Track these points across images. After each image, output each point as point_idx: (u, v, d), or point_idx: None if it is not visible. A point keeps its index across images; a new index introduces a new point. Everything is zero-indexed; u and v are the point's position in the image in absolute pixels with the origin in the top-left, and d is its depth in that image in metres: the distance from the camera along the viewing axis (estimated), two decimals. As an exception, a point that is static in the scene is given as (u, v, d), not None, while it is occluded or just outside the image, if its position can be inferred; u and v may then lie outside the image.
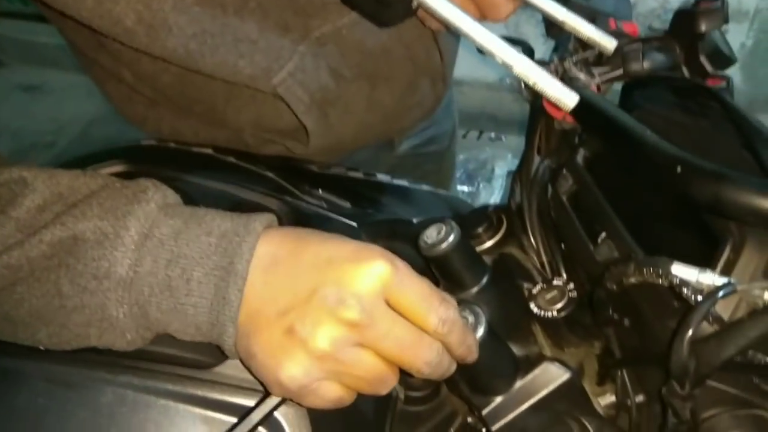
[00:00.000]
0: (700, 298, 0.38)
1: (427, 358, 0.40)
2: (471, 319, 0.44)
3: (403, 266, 0.40)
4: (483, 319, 0.44)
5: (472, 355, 0.43)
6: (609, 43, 0.57)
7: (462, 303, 0.44)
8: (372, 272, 0.38)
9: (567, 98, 0.51)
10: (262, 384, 0.42)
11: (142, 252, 0.39)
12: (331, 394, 0.40)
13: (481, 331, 0.44)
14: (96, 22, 0.54)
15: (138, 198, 0.41)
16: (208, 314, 0.39)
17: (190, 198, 0.58)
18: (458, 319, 0.41)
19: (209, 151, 0.71)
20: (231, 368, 0.45)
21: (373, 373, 0.39)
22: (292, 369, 0.38)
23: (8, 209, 0.40)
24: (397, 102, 0.75)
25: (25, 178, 0.41)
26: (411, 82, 0.74)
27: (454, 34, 0.60)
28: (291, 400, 0.41)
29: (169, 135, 0.74)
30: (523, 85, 0.63)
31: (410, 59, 0.72)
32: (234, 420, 0.44)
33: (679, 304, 0.41)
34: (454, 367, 0.43)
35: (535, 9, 0.59)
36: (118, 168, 0.63)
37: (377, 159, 0.88)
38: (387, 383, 0.41)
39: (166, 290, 0.39)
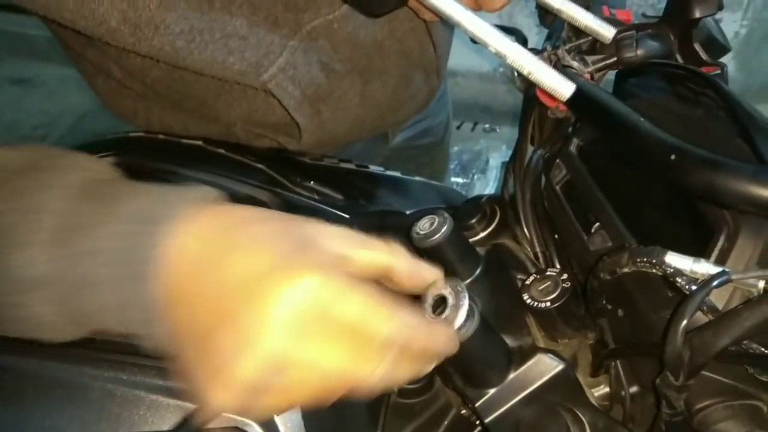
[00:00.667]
0: (694, 287, 0.37)
1: (366, 384, 0.35)
2: (451, 299, 0.40)
3: (340, 277, 0.34)
4: (476, 311, 0.44)
5: (449, 348, 0.39)
6: (607, 32, 0.56)
7: (449, 281, 0.42)
8: (300, 290, 0.32)
9: (563, 87, 0.50)
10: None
11: (56, 247, 0.35)
12: (270, 409, 0.36)
13: (473, 324, 0.43)
14: (79, 23, 0.52)
15: (54, 180, 0.37)
16: (125, 317, 0.35)
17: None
18: (416, 325, 0.36)
19: (199, 143, 0.70)
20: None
21: (311, 393, 0.35)
22: (217, 398, 0.34)
23: None
24: (391, 96, 0.74)
25: None
26: (404, 75, 0.73)
27: (448, 24, 0.60)
28: None
29: (159, 129, 0.74)
30: (516, 75, 0.62)
31: (403, 53, 0.71)
32: (225, 414, 0.44)
33: (673, 293, 0.41)
34: (429, 367, 0.39)
35: None
36: (108, 160, 0.62)
37: (371, 152, 0.87)
38: (333, 396, 0.36)
39: (81, 290, 0.35)
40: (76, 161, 0.39)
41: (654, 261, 0.39)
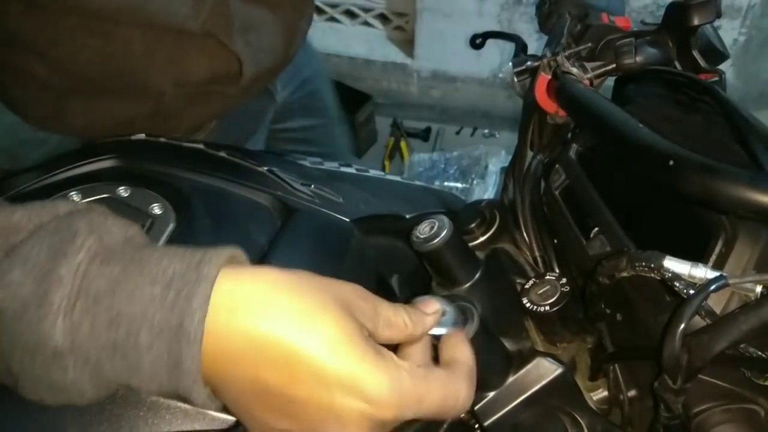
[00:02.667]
0: (692, 291, 0.38)
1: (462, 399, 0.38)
2: (449, 316, 0.42)
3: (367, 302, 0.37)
4: (475, 315, 0.44)
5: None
6: None
7: (453, 299, 0.44)
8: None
9: None
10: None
11: (77, 315, 0.33)
12: None
13: (473, 328, 0.43)
14: None
15: (64, 249, 0.34)
16: (167, 377, 0.33)
17: (182, 193, 0.58)
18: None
19: (200, 146, 0.70)
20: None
21: None
22: None
23: None
24: (290, 23, 0.82)
25: None
26: (293, 4, 0.82)
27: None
28: None
29: (83, 129, 0.76)
30: (516, 80, 0.63)
31: None
32: (224, 416, 0.44)
33: (671, 298, 0.41)
34: None
35: None
36: (109, 163, 0.63)
37: (264, 110, 0.95)
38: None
39: (114, 352, 0.33)
40: (91, 223, 0.36)
41: (652, 265, 0.39)
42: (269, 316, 0.33)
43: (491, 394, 0.48)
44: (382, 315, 0.38)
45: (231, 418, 0.44)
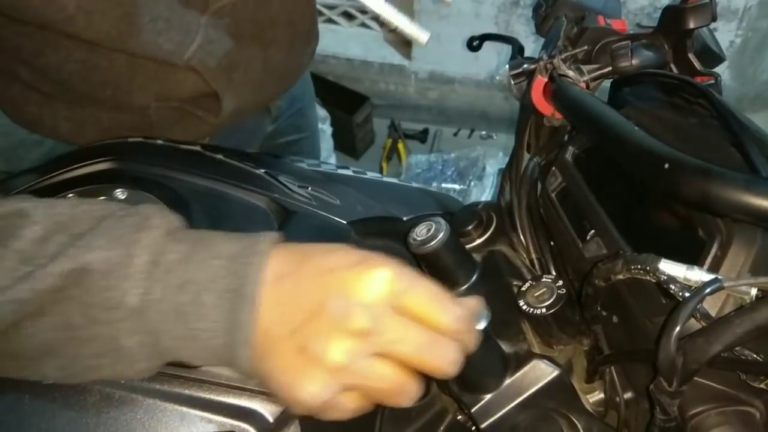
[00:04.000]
0: (687, 294, 0.38)
1: (451, 357, 0.39)
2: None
3: (407, 270, 0.39)
4: (486, 313, 0.44)
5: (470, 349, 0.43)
6: (422, 36, 0.69)
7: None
8: (376, 280, 0.38)
9: (420, 35, 0.64)
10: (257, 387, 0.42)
11: (152, 280, 0.39)
12: (351, 405, 0.39)
13: (482, 325, 0.43)
14: (41, 11, 0.59)
15: (143, 225, 0.40)
16: (222, 338, 0.39)
17: (179, 195, 0.58)
18: (470, 317, 0.41)
19: (197, 148, 0.70)
20: (219, 367, 0.45)
21: (391, 383, 0.39)
22: (310, 388, 0.38)
23: (9, 242, 0.39)
24: (284, 61, 0.83)
25: (23, 209, 0.41)
26: (291, 43, 0.83)
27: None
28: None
29: (67, 132, 0.76)
30: (513, 83, 0.63)
31: (290, 22, 0.80)
32: (221, 419, 0.44)
33: (667, 300, 0.41)
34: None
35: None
36: (106, 165, 0.62)
37: (261, 128, 0.96)
38: (408, 393, 0.40)
39: (178, 317, 0.39)
40: (156, 209, 0.42)
41: (648, 268, 0.40)
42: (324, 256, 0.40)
43: (488, 396, 0.48)
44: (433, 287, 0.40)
45: (231, 421, 0.44)
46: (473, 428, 0.50)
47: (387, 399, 0.40)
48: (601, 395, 0.50)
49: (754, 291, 0.37)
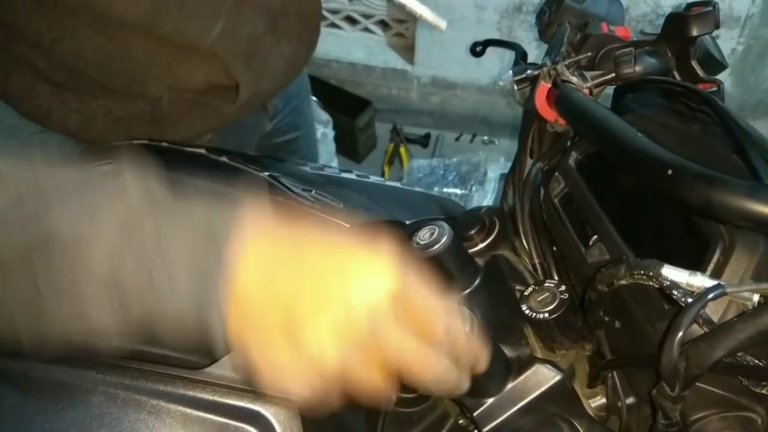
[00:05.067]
0: (690, 300, 0.38)
1: (436, 374, 0.39)
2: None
3: (410, 275, 0.39)
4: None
5: (480, 364, 0.43)
6: (441, 23, 0.73)
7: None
8: (379, 287, 0.37)
9: (440, 23, 0.70)
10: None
11: (122, 251, 0.37)
12: (334, 403, 0.39)
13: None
14: None
15: (116, 193, 0.39)
16: (195, 315, 0.37)
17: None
18: (462, 329, 0.41)
19: (202, 151, 0.71)
20: (222, 369, 0.45)
21: (375, 388, 0.39)
22: (301, 389, 0.37)
23: None
24: (294, 51, 0.84)
25: None
26: (298, 34, 0.83)
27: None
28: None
29: (76, 126, 0.76)
30: (515, 88, 0.63)
31: (298, 14, 0.82)
32: (224, 421, 0.44)
33: (670, 306, 0.41)
34: (466, 383, 0.42)
35: None
36: (110, 168, 0.63)
37: (260, 126, 0.97)
38: (388, 399, 0.40)
39: (149, 291, 0.37)
40: (125, 179, 0.40)
41: (651, 274, 0.40)
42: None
43: (490, 400, 0.48)
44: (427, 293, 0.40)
45: (234, 423, 0.44)
46: (475, 432, 0.50)
47: (365, 399, 0.39)
48: (603, 400, 0.50)
49: (756, 297, 0.38)
